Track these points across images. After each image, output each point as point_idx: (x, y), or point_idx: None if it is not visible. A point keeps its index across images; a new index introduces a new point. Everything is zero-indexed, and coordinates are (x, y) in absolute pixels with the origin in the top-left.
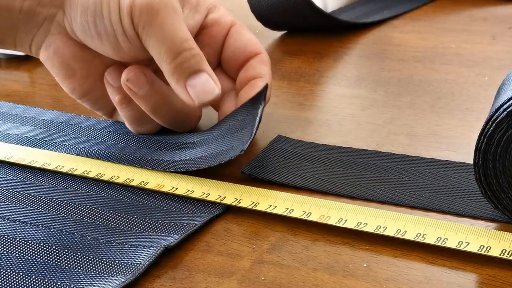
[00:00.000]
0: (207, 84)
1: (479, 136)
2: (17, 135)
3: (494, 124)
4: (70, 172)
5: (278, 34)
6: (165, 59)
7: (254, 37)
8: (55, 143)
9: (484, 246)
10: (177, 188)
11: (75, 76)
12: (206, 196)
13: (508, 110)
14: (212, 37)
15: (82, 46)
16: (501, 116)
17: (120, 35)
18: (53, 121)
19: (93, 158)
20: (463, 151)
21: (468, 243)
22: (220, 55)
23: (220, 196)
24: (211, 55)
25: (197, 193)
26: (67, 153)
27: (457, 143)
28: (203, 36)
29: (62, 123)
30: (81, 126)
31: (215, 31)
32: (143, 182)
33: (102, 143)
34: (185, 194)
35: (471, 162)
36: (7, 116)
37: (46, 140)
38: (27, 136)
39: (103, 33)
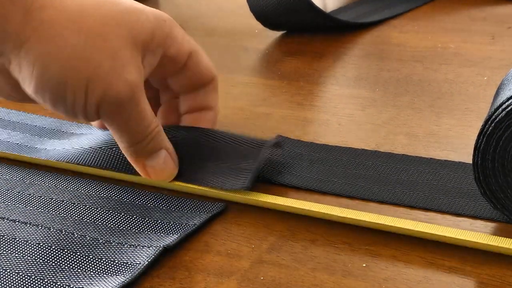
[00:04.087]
0: (165, 164)
1: (478, 136)
2: (8, 141)
3: (493, 124)
4: (69, 170)
5: (277, 34)
6: (124, 144)
7: (210, 61)
8: (46, 149)
9: (482, 249)
10: (175, 189)
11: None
12: (205, 196)
13: (507, 110)
14: (172, 67)
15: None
16: (500, 116)
17: (80, 116)
18: (44, 127)
19: (84, 165)
20: (462, 151)
21: (466, 245)
22: (166, 80)
23: (219, 197)
24: (166, 84)
25: (195, 194)
26: (57, 160)
27: (456, 143)
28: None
29: (54, 129)
30: (72, 133)
31: (173, 62)
32: (142, 182)
33: (94, 150)
34: (183, 194)
35: (470, 162)
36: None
37: (37, 147)
38: (17, 143)
39: (60, 110)
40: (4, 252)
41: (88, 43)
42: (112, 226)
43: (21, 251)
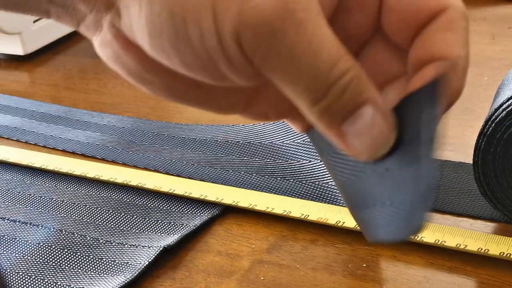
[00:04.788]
0: (375, 128)
1: (479, 136)
2: (9, 126)
3: (493, 124)
4: (69, 172)
5: None
6: (304, 101)
7: None
8: (53, 136)
9: (482, 249)
10: (175, 189)
11: (152, 85)
12: (205, 197)
13: (508, 110)
14: None
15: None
16: (500, 116)
17: (223, 66)
18: (50, 113)
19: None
20: (462, 151)
21: (466, 246)
22: (378, 20)
23: (218, 198)
24: (362, 23)
25: (195, 194)
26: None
27: (456, 143)
28: None
29: (60, 116)
30: (86, 122)
31: None
32: (141, 183)
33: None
34: (184, 195)
35: (471, 162)
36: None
37: (43, 133)
38: (15, 127)
39: (192, 63)
40: (4, 252)
41: None
42: (112, 226)
43: (21, 251)
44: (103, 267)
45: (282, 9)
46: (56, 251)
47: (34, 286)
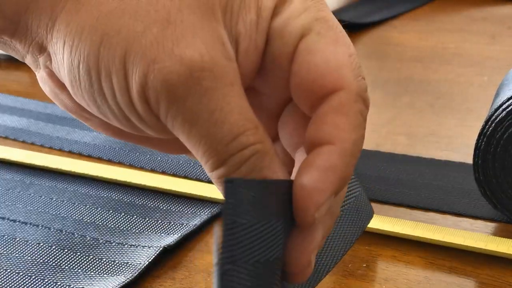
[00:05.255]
0: None
1: (479, 136)
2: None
3: (493, 124)
4: (69, 172)
5: None
6: (204, 163)
7: (340, 54)
8: (59, 137)
9: (482, 249)
10: (175, 190)
11: (92, 123)
12: (205, 197)
13: (508, 110)
14: (275, 59)
15: None
16: (500, 116)
17: (134, 119)
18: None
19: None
20: (462, 151)
21: (466, 246)
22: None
23: (218, 198)
24: (279, 84)
25: (195, 194)
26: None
27: (456, 143)
28: (264, 57)
29: (66, 117)
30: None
31: (277, 49)
32: (141, 183)
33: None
34: (183, 195)
35: (471, 162)
36: (6, 108)
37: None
38: (20, 128)
39: (108, 114)
40: (4, 252)
41: (130, 5)
42: (112, 226)
43: (21, 251)
44: (103, 267)
45: (186, 76)
46: (56, 251)
47: (34, 286)
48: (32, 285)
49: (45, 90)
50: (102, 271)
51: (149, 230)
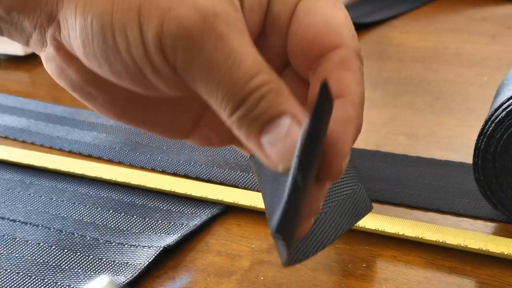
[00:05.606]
0: (292, 137)
1: (479, 136)
2: (15, 127)
3: (493, 124)
4: (69, 172)
5: None
6: (223, 109)
7: (338, 15)
8: (59, 137)
9: (482, 249)
10: (175, 190)
11: (96, 102)
12: (205, 197)
13: (508, 109)
14: (275, 19)
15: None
16: (500, 115)
17: (149, 74)
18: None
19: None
20: (462, 151)
21: (466, 246)
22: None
23: (218, 198)
24: (277, 47)
25: (195, 194)
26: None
27: (456, 143)
28: (266, 18)
29: (66, 117)
30: (92, 122)
31: (277, 9)
32: (141, 183)
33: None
34: (184, 195)
35: (471, 162)
36: (6, 108)
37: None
38: (20, 128)
39: (121, 71)
40: (4, 252)
41: None
42: (112, 226)
43: (21, 251)
44: (103, 267)
45: (201, 22)
46: (56, 251)
47: (34, 286)
48: (32, 285)
49: (50, 69)
50: (102, 271)
51: (149, 230)
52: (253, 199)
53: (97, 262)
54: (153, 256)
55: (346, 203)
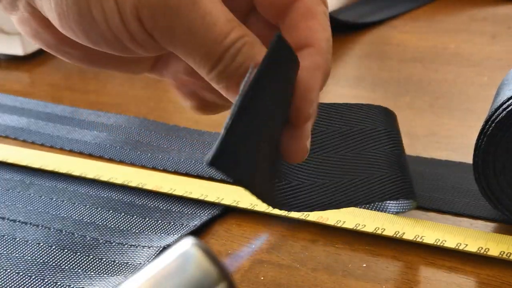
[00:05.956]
0: None
1: (479, 136)
2: (16, 127)
3: (493, 124)
4: (69, 172)
5: None
6: (203, 68)
7: None
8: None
9: (482, 248)
10: (175, 190)
11: (71, 57)
12: (205, 197)
13: (508, 109)
14: None
15: None
16: (500, 115)
17: (127, 41)
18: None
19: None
20: (462, 151)
21: (467, 245)
22: None
23: (218, 198)
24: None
25: (195, 195)
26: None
27: (456, 142)
28: None
29: (66, 116)
30: (92, 121)
31: None
32: (141, 183)
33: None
34: (183, 195)
35: (471, 162)
36: (6, 108)
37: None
38: (21, 127)
39: (99, 41)
40: (4, 252)
41: None
42: (112, 226)
43: (21, 251)
44: (103, 267)
45: None
46: (56, 251)
47: (34, 286)
48: (32, 285)
49: (24, 31)
50: (102, 271)
51: (149, 230)
52: (254, 199)
53: (97, 262)
54: (153, 256)
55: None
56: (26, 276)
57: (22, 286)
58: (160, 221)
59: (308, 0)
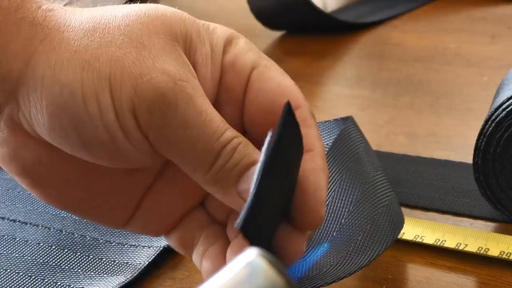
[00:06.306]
0: None
1: (479, 136)
2: None
3: (493, 124)
4: None
5: (277, 34)
6: (200, 168)
7: (288, 81)
8: None
9: (482, 248)
10: None
11: (46, 185)
12: None
13: (508, 109)
14: (230, 89)
15: (51, 146)
16: (500, 115)
17: (120, 141)
18: None
19: None
20: (462, 151)
21: (467, 245)
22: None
23: None
24: (232, 116)
25: None
26: None
27: (456, 143)
28: (219, 89)
29: None
30: None
31: (231, 80)
32: None
33: None
34: None
35: (471, 162)
36: None
37: None
38: None
39: (91, 141)
40: (4, 252)
41: (104, 38)
42: None
43: (21, 251)
44: (103, 267)
45: (173, 83)
46: (56, 251)
47: (34, 286)
48: (32, 285)
49: (10, 171)
50: (102, 271)
51: None
52: None
53: (97, 262)
54: (153, 256)
55: (385, 215)
56: (26, 276)
57: (22, 286)
58: None
59: (304, 112)
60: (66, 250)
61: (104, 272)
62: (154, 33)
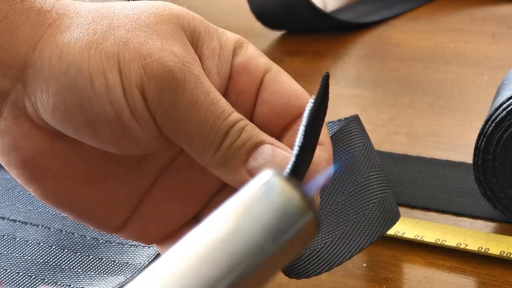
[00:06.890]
0: (281, 157)
1: (479, 136)
2: None
3: (493, 124)
4: None
5: (277, 34)
6: (207, 149)
7: (298, 86)
8: None
9: (482, 248)
10: None
11: (44, 179)
12: None
13: (508, 109)
14: (241, 91)
15: (53, 135)
16: (500, 115)
17: (127, 119)
18: None
19: None
20: (462, 150)
21: (467, 245)
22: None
23: None
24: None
25: None
26: None
27: (456, 142)
28: (228, 91)
29: None
30: None
31: (243, 82)
32: None
33: None
34: None
35: (471, 161)
36: None
37: None
38: None
39: (96, 120)
40: (4, 252)
41: (113, 24)
42: None
43: (21, 251)
44: (103, 267)
45: (181, 63)
46: (56, 251)
47: (34, 286)
48: (32, 285)
49: (8, 163)
50: (102, 271)
51: None
52: None
53: (97, 262)
54: (153, 256)
55: (375, 211)
56: (26, 276)
57: (22, 286)
58: None
59: None
60: (66, 250)
61: (104, 272)
62: (162, 21)
